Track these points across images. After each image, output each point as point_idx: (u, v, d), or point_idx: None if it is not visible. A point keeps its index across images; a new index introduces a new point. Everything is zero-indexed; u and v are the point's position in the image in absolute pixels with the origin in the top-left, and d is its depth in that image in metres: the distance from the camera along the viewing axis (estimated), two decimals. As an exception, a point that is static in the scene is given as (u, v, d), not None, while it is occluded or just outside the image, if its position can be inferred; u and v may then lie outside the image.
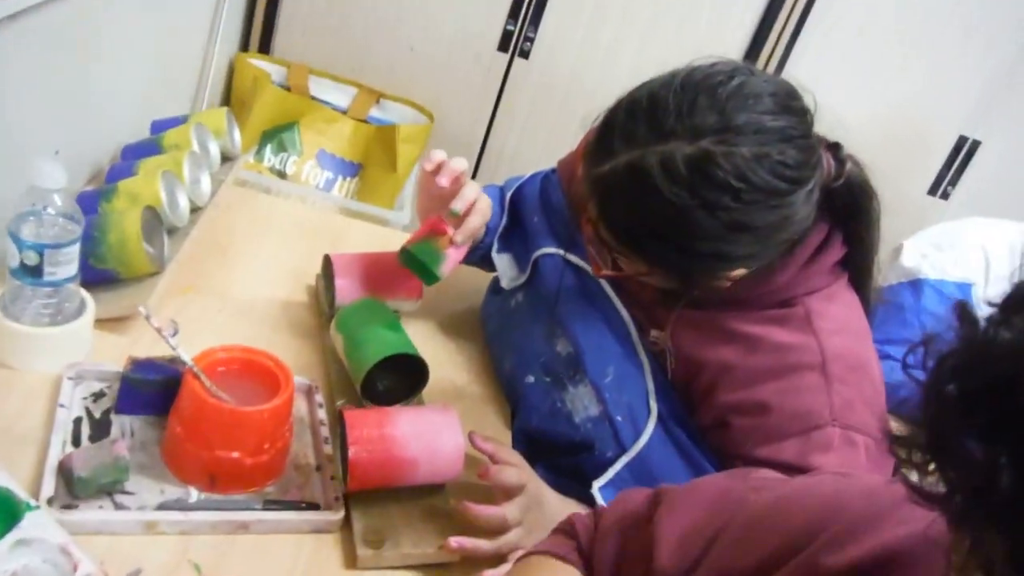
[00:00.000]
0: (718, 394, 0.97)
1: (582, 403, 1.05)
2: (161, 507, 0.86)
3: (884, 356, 0.99)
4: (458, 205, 1.08)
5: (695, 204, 0.82)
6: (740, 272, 0.90)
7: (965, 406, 0.34)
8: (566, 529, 0.77)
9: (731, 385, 0.96)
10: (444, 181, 1.06)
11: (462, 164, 1.08)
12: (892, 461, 0.93)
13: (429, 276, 1.10)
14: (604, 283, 1.08)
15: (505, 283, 1.20)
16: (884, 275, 1.68)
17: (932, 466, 0.37)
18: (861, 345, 0.96)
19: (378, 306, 1.10)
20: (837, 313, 0.96)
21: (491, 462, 0.94)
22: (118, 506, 0.85)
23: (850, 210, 0.94)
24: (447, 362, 1.22)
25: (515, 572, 0.76)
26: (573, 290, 1.12)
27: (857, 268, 0.98)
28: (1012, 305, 0.36)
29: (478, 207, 1.10)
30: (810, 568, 0.55)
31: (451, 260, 1.11)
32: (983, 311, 0.36)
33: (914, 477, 0.38)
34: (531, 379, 1.12)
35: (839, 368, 0.92)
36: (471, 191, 1.09)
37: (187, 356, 0.88)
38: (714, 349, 0.98)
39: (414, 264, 1.10)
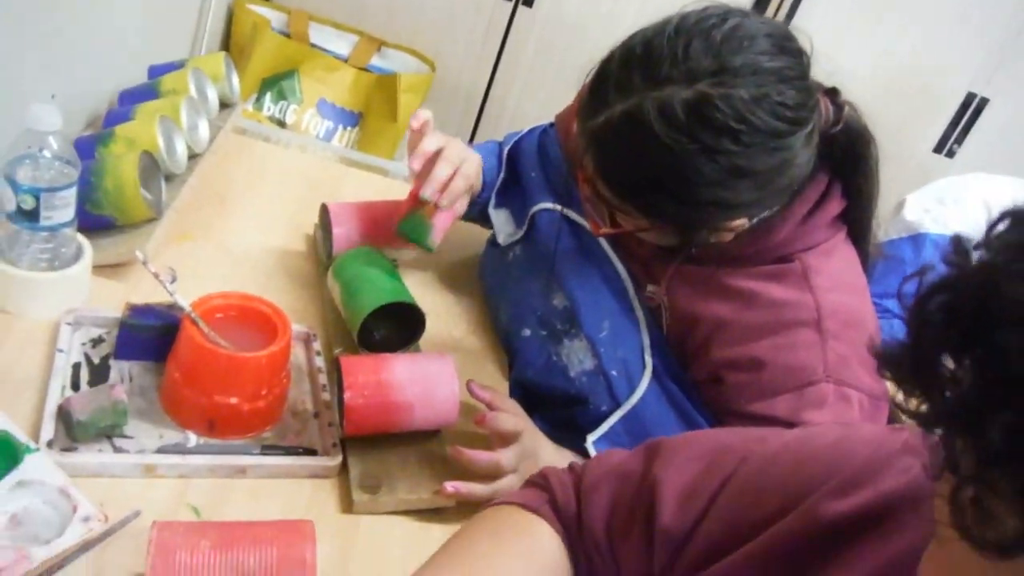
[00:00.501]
0: (712, 350, 0.97)
1: (577, 357, 1.05)
2: (160, 451, 0.87)
3: (883, 310, 0.99)
4: (427, 192, 1.07)
5: (695, 149, 0.82)
6: (740, 223, 0.89)
7: (944, 324, 0.35)
8: (539, 483, 0.74)
9: (726, 341, 0.96)
10: (416, 165, 1.06)
11: (432, 144, 1.07)
12: (886, 417, 0.94)
13: (424, 247, 1.12)
14: (601, 239, 1.08)
15: (501, 239, 1.20)
16: (885, 230, 1.68)
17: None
18: (858, 301, 0.96)
19: (375, 255, 1.10)
20: (834, 269, 0.95)
21: (488, 410, 0.95)
22: (117, 449, 0.86)
23: (849, 157, 0.93)
24: (445, 313, 1.22)
25: (480, 519, 0.71)
26: (570, 245, 1.11)
27: (856, 221, 0.98)
28: (992, 227, 0.38)
29: (462, 171, 1.09)
30: (811, 516, 0.55)
31: (440, 227, 1.11)
32: None
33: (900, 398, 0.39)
34: (527, 332, 1.12)
35: (835, 324, 0.92)
36: (441, 171, 1.07)
37: (185, 302, 0.88)
38: (709, 305, 0.98)
39: (408, 238, 1.12)
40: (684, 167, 0.83)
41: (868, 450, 0.57)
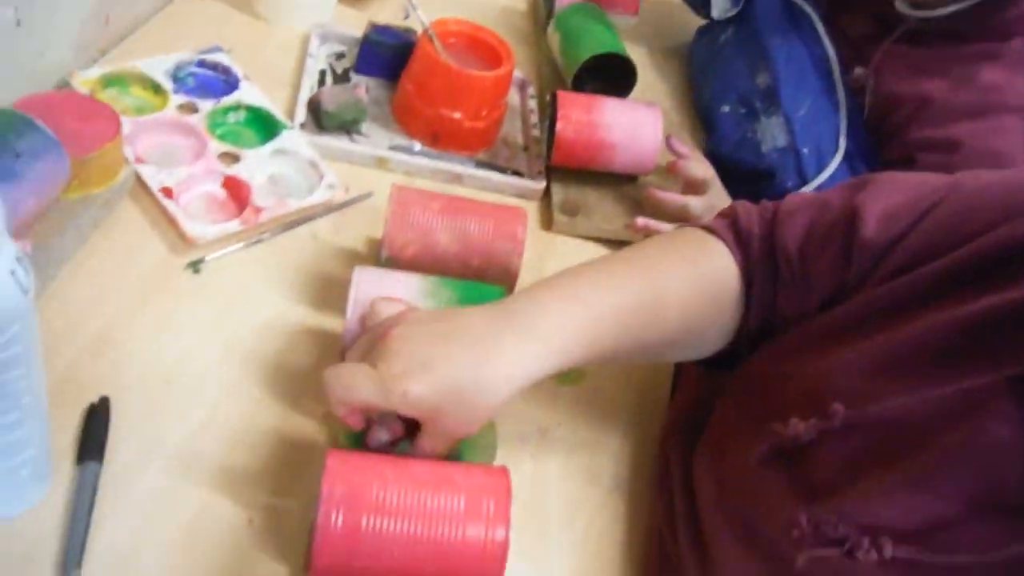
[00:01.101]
0: (911, 129, 0.98)
1: (771, 134, 1.08)
2: (391, 149, 0.98)
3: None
4: None
5: None
6: None
7: None
8: (725, 212, 0.76)
9: (926, 120, 0.97)
10: None
11: None
12: None
13: None
14: (816, 20, 1.09)
15: (716, 13, 1.21)
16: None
17: None
18: None
19: (597, 10, 1.15)
20: None
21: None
22: (355, 142, 0.97)
23: None
24: (650, 85, 1.27)
25: (665, 237, 0.77)
26: (784, 26, 1.12)
27: None
28: None
29: None
30: (1016, 232, 0.56)
31: None
32: None
33: None
34: (726, 108, 1.15)
35: None
36: None
37: (425, 18, 0.97)
38: (917, 84, 0.98)
39: None
40: None
41: None
